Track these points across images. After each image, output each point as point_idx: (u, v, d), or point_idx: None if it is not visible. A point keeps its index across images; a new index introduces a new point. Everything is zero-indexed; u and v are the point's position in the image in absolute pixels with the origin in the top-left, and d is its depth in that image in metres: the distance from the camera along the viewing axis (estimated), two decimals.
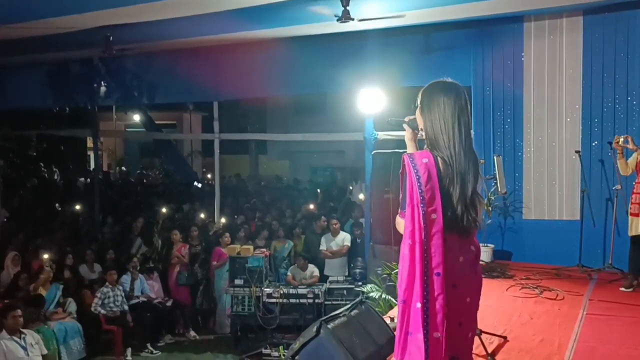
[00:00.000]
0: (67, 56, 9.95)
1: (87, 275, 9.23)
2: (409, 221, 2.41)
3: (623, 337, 4.63)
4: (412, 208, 2.40)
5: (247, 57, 9.15)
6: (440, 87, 2.60)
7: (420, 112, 2.57)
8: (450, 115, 2.52)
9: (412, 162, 2.46)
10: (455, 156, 2.52)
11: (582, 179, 7.06)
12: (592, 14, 7.31)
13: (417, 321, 2.38)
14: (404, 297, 2.41)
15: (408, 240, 2.41)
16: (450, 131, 2.51)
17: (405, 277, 2.42)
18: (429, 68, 8.41)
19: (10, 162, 19.16)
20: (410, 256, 2.40)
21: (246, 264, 8.45)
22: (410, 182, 2.42)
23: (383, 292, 6.58)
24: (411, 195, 2.41)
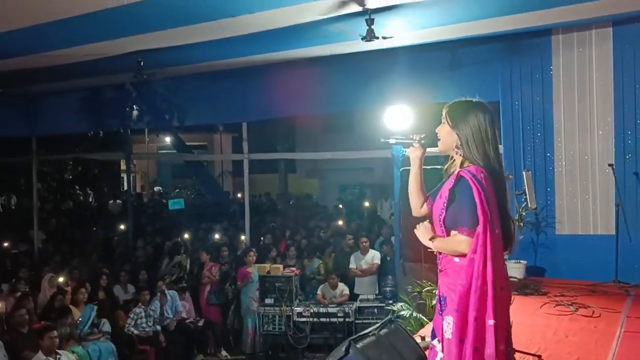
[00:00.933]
0: (100, 82, 10.22)
1: (121, 296, 9.38)
2: (481, 238, 2.45)
3: None
4: (484, 225, 2.45)
5: (274, 78, 9.26)
6: (471, 103, 2.73)
7: (453, 127, 2.64)
8: (489, 129, 2.62)
9: (475, 178, 2.51)
10: (497, 170, 2.60)
11: (616, 193, 6.90)
12: (621, 25, 7.20)
13: (489, 337, 2.44)
14: (476, 314, 2.43)
15: (480, 257, 2.45)
16: (491, 145, 2.60)
17: (477, 295, 2.44)
18: (456, 84, 8.37)
19: (47, 186, 19.72)
20: (482, 273, 2.44)
21: (276, 282, 8.47)
22: (479, 199, 2.47)
23: (414, 310, 6.51)
24: (483, 211, 2.46)
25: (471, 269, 2.46)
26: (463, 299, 2.47)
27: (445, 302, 2.62)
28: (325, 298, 8.72)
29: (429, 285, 6.54)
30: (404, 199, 8.26)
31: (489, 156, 2.58)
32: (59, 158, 16.92)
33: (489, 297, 2.44)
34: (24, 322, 7.00)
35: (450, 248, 2.59)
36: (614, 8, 6.81)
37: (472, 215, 2.48)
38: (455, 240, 2.53)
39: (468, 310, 2.45)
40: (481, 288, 2.43)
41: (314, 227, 11.72)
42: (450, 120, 2.67)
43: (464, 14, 6.88)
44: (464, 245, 2.50)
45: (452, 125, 2.66)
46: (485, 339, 2.43)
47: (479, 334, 2.43)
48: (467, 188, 2.50)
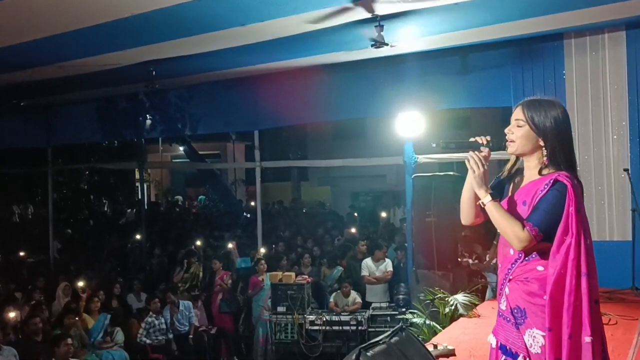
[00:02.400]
0: (114, 92, 10.34)
1: (134, 305, 9.40)
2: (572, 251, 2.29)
3: None
4: (577, 238, 2.29)
5: (286, 86, 9.27)
6: (552, 103, 2.50)
7: (537, 130, 2.41)
8: (568, 126, 2.46)
9: (573, 184, 2.34)
10: (578, 176, 2.43)
11: (632, 198, 6.79)
12: (635, 28, 7.12)
13: (587, 356, 2.29)
14: (570, 332, 2.28)
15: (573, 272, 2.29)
16: (570, 143, 2.44)
17: (570, 310, 2.29)
18: (467, 89, 8.36)
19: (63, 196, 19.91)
20: (576, 290, 2.29)
21: (288, 290, 8.45)
22: (576, 208, 2.31)
23: (427, 318, 6.44)
24: (578, 223, 2.30)
25: (562, 285, 2.29)
26: (554, 317, 2.30)
27: (524, 314, 2.41)
28: (338, 306, 8.68)
29: (442, 293, 6.48)
30: (417, 205, 8.31)
31: (574, 161, 2.42)
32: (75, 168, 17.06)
33: (584, 313, 2.28)
34: (37, 330, 7.03)
35: (504, 227, 2.36)
36: (626, 11, 6.73)
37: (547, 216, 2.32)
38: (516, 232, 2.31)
39: (562, 328, 2.30)
40: (575, 304, 2.27)
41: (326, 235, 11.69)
42: (531, 121, 2.42)
43: (475, 20, 6.85)
44: (520, 245, 2.32)
45: (535, 127, 2.41)
46: (585, 357, 2.28)
47: (575, 353, 2.28)
48: (559, 192, 2.31)
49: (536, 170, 2.45)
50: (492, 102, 8.14)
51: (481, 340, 5.17)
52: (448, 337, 5.29)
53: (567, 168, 2.39)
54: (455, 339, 5.18)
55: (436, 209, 7.92)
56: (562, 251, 2.30)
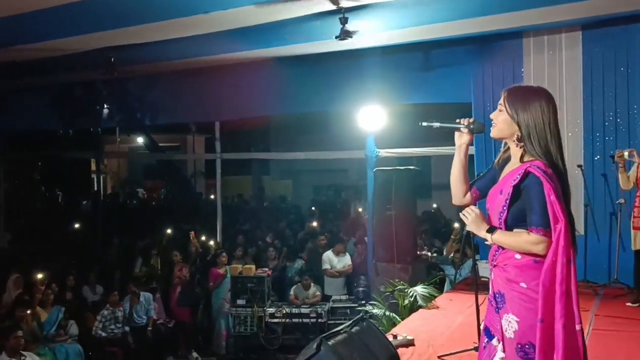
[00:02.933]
0: (71, 79, 10.04)
1: (89, 297, 9.20)
2: (564, 239, 2.28)
3: (631, 352, 4.56)
4: (565, 224, 2.29)
5: (247, 77, 9.19)
6: (534, 90, 2.50)
7: (515, 116, 2.41)
8: (553, 120, 2.41)
9: (545, 174, 2.32)
10: (560, 167, 2.41)
11: (585, 194, 7.01)
12: (590, 29, 7.33)
13: (579, 343, 2.32)
14: (564, 321, 2.28)
15: (562, 259, 2.28)
16: (554, 139, 2.40)
17: (562, 299, 2.28)
18: (429, 85, 8.45)
19: (15, 186, 19.26)
20: (567, 277, 2.29)
21: (248, 283, 8.40)
22: (555, 196, 2.30)
23: (386, 309, 6.51)
24: (561, 209, 2.29)
25: (552, 273, 2.28)
26: (547, 307, 2.29)
27: (503, 299, 2.44)
28: (298, 299, 8.68)
29: (402, 285, 6.56)
30: (377, 199, 8.37)
31: (551, 151, 2.37)
32: (28, 157, 16.51)
33: (574, 301, 2.29)
34: None
35: (518, 245, 2.39)
36: (583, 12, 6.93)
37: (546, 214, 2.31)
38: (529, 240, 2.33)
39: (555, 318, 2.29)
40: (566, 293, 2.27)
41: (287, 229, 11.67)
42: (510, 108, 2.43)
43: (436, 15, 6.93)
44: (541, 247, 2.31)
45: (512, 114, 2.42)
46: (577, 345, 2.31)
47: (570, 341, 2.29)
48: (538, 185, 2.31)
49: (518, 158, 2.48)
50: (452, 97, 8.25)
51: (439, 330, 5.27)
52: (407, 328, 5.36)
53: (542, 156, 2.39)
54: (414, 330, 5.26)
55: (396, 202, 8.00)
56: (553, 239, 2.30)
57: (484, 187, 2.65)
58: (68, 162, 18.46)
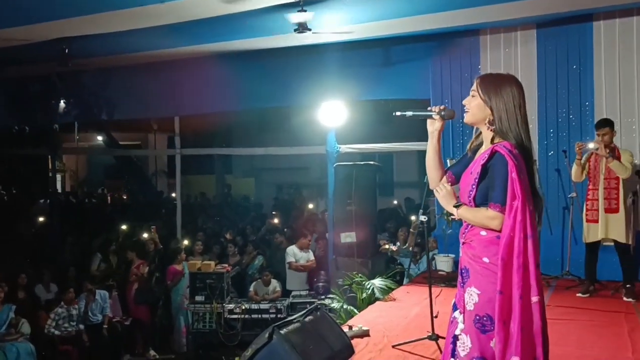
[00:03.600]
0: (25, 72, 9.74)
1: (43, 296, 8.95)
2: (521, 215, 2.38)
3: (579, 339, 4.66)
4: (522, 200, 2.38)
5: (206, 72, 9.09)
6: (505, 77, 2.60)
7: (487, 101, 2.53)
8: (522, 104, 2.53)
9: (511, 153, 2.42)
10: (527, 148, 2.51)
11: (539, 188, 7.14)
12: (544, 27, 7.50)
13: (535, 315, 2.39)
14: (521, 292, 2.37)
15: (520, 234, 2.38)
16: (522, 120, 2.51)
17: (521, 273, 2.37)
18: (389, 81, 8.51)
19: None
20: (524, 251, 2.38)
21: (207, 279, 8.30)
22: (517, 175, 2.39)
23: (344, 303, 6.52)
24: (522, 188, 2.38)
25: (510, 247, 2.40)
26: (506, 279, 2.39)
27: (467, 274, 2.55)
28: (258, 295, 8.61)
29: (359, 277, 6.58)
30: (338, 194, 8.38)
31: (521, 132, 2.50)
32: None
33: (531, 274, 2.38)
34: None
35: (478, 220, 2.52)
36: (537, 9, 7.09)
37: (505, 191, 2.42)
38: (487, 215, 2.47)
39: (512, 289, 2.38)
40: (524, 265, 2.37)
41: (248, 226, 11.59)
42: (483, 93, 2.56)
43: (396, 10, 6.99)
44: (496, 222, 2.44)
45: (485, 99, 2.55)
46: (532, 316, 2.39)
47: (526, 312, 2.37)
48: (503, 163, 2.42)
49: (489, 141, 2.59)
50: (412, 94, 8.32)
51: (395, 322, 5.30)
52: (364, 319, 5.38)
53: (512, 138, 2.50)
54: (370, 321, 5.27)
55: (357, 197, 8.03)
56: (511, 215, 2.41)
57: (458, 172, 2.74)
58: (26, 160, 17.96)
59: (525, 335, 2.43)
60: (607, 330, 4.82)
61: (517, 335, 2.41)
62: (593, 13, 7.18)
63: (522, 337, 2.42)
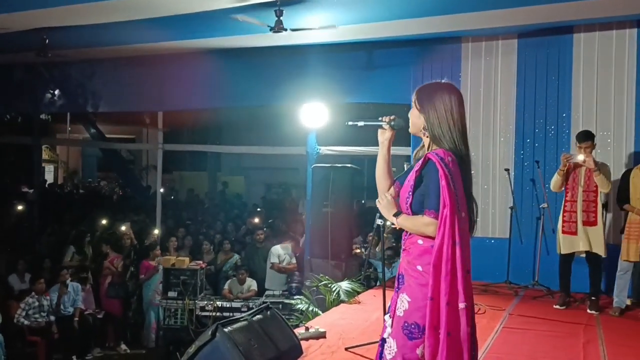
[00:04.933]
0: (9, 60, 9.72)
1: (16, 286, 8.92)
2: (449, 221, 2.40)
3: (533, 349, 4.65)
4: (452, 208, 2.40)
5: (189, 68, 9.07)
6: (438, 85, 2.68)
7: (421, 109, 2.59)
8: (456, 110, 2.56)
9: (442, 161, 2.45)
10: (464, 152, 2.55)
11: (512, 197, 7.15)
12: (526, 37, 7.50)
13: (462, 321, 2.41)
14: (448, 299, 2.39)
15: (448, 241, 2.40)
16: (459, 126, 2.54)
17: (448, 279, 2.40)
18: (370, 84, 8.50)
19: None
20: (452, 257, 2.40)
21: (181, 276, 8.29)
22: (446, 182, 2.42)
23: (311, 304, 6.52)
24: (450, 195, 2.41)
25: (440, 253, 2.42)
26: (436, 286, 2.42)
27: (402, 280, 2.59)
28: (232, 293, 8.60)
29: (326, 279, 6.57)
30: (315, 195, 8.37)
31: (455, 138, 2.53)
32: None
33: (459, 280, 2.41)
34: None
35: (415, 228, 2.55)
36: (519, 19, 7.09)
37: (438, 198, 2.45)
38: (422, 222, 2.49)
39: (440, 296, 2.41)
40: (451, 272, 2.41)
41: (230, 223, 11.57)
42: (417, 103, 2.63)
43: (377, 13, 6.99)
44: (431, 228, 2.46)
45: (420, 108, 2.60)
46: (459, 322, 2.41)
47: (452, 318, 2.40)
48: (434, 171, 2.46)
49: (427, 148, 2.64)
50: (393, 98, 8.28)
51: (355, 325, 5.29)
52: (323, 322, 5.37)
53: (445, 144, 2.53)
54: (330, 323, 5.27)
55: (333, 199, 8.03)
56: (441, 223, 2.44)
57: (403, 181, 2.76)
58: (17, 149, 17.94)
59: (451, 341, 2.45)
60: (562, 342, 4.81)
61: (443, 342, 2.44)
62: (574, 25, 7.19)
63: (449, 343, 2.44)
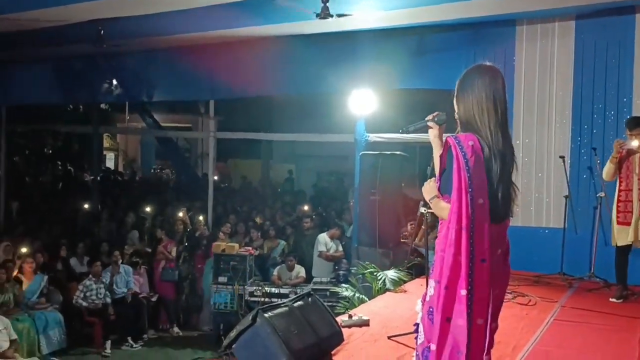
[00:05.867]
0: (70, 52, 10.07)
1: (77, 268, 9.32)
2: (455, 206, 2.37)
3: (584, 343, 4.48)
4: (459, 193, 2.36)
5: (242, 56, 9.12)
6: (475, 70, 2.60)
7: (456, 99, 2.55)
8: (484, 96, 2.47)
9: (459, 144, 2.39)
10: (493, 136, 2.45)
11: (567, 186, 6.88)
12: (584, 19, 7.16)
13: (461, 308, 2.37)
14: (447, 283, 2.37)
15: (455, 226, 2.37)
16: (485, 111, 2.46)
17: (449, 263, 2.38)
18: (421, 70, 8.32)
19: (26, 158, 19.58)
20: (455, 242, 2.37)
21: (231, 261, 8.44)
22: (458, 165, 2.36)
23: (357, 291, 6.50)
24: (459, 179, 2.36)
25: (445, 237, 2.40)
26: (440, 270, 2.42)
27: (433, 267, 2.57)
28: (281, 279, 8.70)
29: (373, 268, 6.53)
30: (363, 183, 8.32)
31: (486, 124, 2.43)
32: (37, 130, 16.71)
33: (462, 266, 2.34)
34: None
35: (437, 212, 2.54)
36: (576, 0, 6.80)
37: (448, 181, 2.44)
38: (440, 206, 2.48)
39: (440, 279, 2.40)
40: (454, 257, 2.34)
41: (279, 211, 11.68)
42: (456, 90, 2.58)
43: None
44: (445, 212, 2.43)
45: (456, 97, 2.56)
46: (458, 309, 2.36)
47: (449, 303, 2.37)
48: (451, 155, 2.41)
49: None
50: (444, 84, 8.01)
51: (399, 314, 5.24)
52: (368, 309, 5.35)
53: (477, 132, 2.45)
54: (374, 311, 5.24)
55: (381, 187, 7.96)
56: (454, 206, 2.39)
57: None
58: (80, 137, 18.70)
59: (448, 327, 2.40)
60: (616, 336, 4.61)
61: (438, 325, 2.40)
62: (636, 5, 6.81)
63: (442, 328, 2.40)
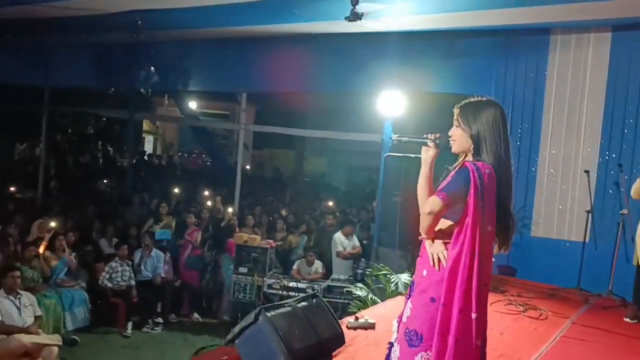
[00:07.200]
0: (111, 39, 10.36)
1: (106, 249, 9.62)
2: (469, 231, 2.47)
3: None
4: (473, 218, 2.47)
5: (275, 51, 9.24)
6: (482, 103, 2.70)
7: (464, 124, 2.61)
8: (501, 127, 2.60)
9: (478, 171, 2.50)
10: (504, 166, 2.58)
11: (591, 200, 6.78)
12: (621, 31, 7.02)
13: (472, 331, 2.49)
14: (461, 306, 2.46)
15: (467, 249, 2.47)
16: (502, 143, 2.58)
17: (462, 286, 2.47)
18: (450, 75, 8.29)
19: (68, 138, 20.24)
20: (469, 266, 2.47)
21: (252, 252, 8.61)
22: (474, 191, 2.47)
23: (370, 292, 6.57)
24: (474, 205, 2.47)
25: (458, 261, 2.47)
26: (449, 292, 2.48)
27: (412, 287, 2.67)
28: (300, 274, 8.82)
29: (386, 270, 6.58)
30: (386, 184, 8.35)
31: (500, 155, 2.57)
32: (78, 112, 17.25)
33: (473, 290, 2.46)
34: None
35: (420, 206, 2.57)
36: (614, 12, 6.64)
37: (454, 187, 2.51)
38: (428, 201, 2.52)
39: (453, 303, 2.47)
40: (467, 281, 2.46)
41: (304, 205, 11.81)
42: (463, 122, 2.64)
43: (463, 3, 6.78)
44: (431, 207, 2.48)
45: (466, 128, 2.62)
46: (469, 331, 2.47)
47: (463, 326, 2.46)
48: (465, 172, 2.51)
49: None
50: (473, 89, 7.93)
51: None
52: (377, 312, 5.41)
53: (493, 162, 2.55)
54: (381, 315, 5.28)
55: (404, 189, 7.97)
56: (462, 231, 2.49)
57: None
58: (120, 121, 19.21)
59: (459, 349, 2.45)
60: (622, 357, 4.57)
61: (451, 348, 2.45)
62: None
63: (456, 350, 2.45)
